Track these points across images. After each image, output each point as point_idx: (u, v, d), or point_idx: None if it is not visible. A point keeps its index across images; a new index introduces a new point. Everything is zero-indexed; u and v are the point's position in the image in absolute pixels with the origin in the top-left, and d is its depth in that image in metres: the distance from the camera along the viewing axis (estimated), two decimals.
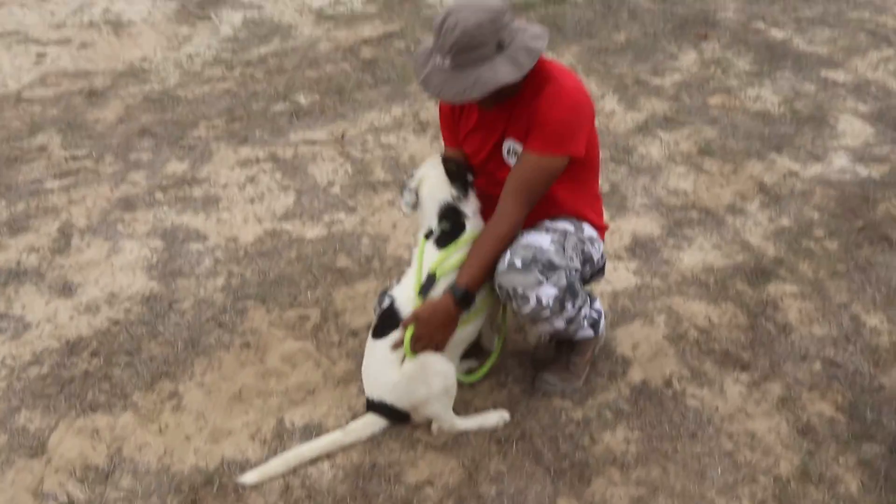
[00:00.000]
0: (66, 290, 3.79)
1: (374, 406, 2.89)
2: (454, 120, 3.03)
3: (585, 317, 2.96)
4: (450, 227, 2.88)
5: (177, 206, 4.46)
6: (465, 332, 2.89)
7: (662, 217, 4.25)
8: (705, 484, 2.71)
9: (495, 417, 2.94)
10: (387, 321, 2.83)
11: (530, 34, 2.65)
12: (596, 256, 3.01)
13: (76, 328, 3.53)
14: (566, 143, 2.72)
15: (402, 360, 2.76)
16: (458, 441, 2.87)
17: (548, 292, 2.74)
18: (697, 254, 3.94)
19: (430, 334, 2.71)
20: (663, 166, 4.76)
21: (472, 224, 2.91)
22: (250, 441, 2.92)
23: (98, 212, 4.42)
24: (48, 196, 4.60)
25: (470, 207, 2.92)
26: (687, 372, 3.20)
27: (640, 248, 3.98)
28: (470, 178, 2.93)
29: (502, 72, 2.56)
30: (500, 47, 2.57)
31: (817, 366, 3.22)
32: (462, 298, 2.70)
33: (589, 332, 3.03)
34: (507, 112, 2.81)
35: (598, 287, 3.64)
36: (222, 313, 3.58)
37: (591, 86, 5.82)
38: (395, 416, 2.89)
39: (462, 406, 2.98)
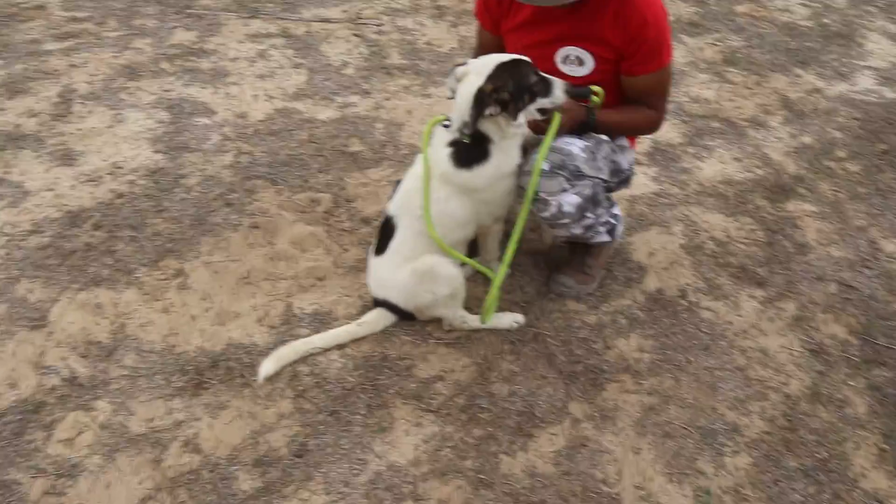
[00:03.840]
0: (68, 158, 3.65)
1: (380, 303, 2.84)
2: (500, 11, 2.85)
3: (604, 223, 2.89)
4: (470, 144, 2.59)
5: (184, 77, 4.29)
6: (463, 230, 2.78)
7: (684, 125, 4.14)
8: (716, 397, 2.69)
9: (508, 319, 2.89)
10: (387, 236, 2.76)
11: None
12: (625, 165, 2.92)
13: (78, 198, 3.41)
14: (668, 51, 2.74)
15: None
16: (471, 339, 2.83)
17: (570, 200, 2.67)
18: (717, 165, 3.85)
19: (570, 126, 2.69)
20: (686, 73, 4.62)
21: (498, 152, 2.60)
22: (258, 325, 2.85)
23: (101, 78, 4.24)
24: (48, 58, 4.40)
25: (500, 134, 2.59)
26: (702, 284, 3.15)
27: (659, 155, 3.89)
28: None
29: None
30: None
31: (832, 288, 3.19)
32: (590, 121, 2.72)
33: (605, 238, 2.96)
34: (567, 17, 2.66)
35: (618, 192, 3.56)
36: (230, 192, 3.46)
37: None
38: (401, 314, 2.84)
39: (477, 304, 2.92)
